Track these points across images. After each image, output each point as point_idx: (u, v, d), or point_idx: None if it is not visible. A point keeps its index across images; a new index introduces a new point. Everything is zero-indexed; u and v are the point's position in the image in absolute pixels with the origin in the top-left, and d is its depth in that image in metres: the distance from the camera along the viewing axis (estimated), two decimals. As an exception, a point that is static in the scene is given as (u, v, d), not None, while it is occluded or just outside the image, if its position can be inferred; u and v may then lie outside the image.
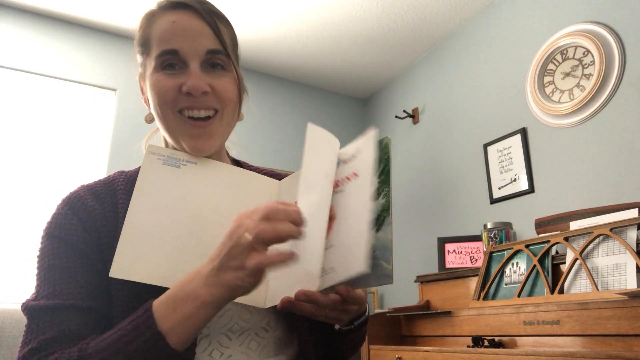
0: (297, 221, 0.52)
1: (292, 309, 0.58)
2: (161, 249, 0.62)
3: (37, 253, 0.65)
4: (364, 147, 0.61)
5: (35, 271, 0.64)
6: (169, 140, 0.73)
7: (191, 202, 0.66)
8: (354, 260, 0.53)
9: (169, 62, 0.68)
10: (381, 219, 0.56)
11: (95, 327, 0.60)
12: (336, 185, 0.62)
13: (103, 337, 0.54)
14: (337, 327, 0.69)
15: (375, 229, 0.56)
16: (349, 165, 0.62)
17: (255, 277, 0.51)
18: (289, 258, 0.51)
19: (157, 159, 0.67)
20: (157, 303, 0.54)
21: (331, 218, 0.60)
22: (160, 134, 0.82)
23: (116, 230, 0.65)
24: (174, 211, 0.65)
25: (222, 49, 0.70)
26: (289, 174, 0.78)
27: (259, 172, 0.83)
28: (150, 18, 0.72)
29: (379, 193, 0.57)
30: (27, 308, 0.60)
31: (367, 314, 0.71)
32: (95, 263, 0.64)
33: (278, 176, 0.83)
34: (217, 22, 0.71)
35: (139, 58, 0.75)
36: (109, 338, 0.53)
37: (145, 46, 0.72)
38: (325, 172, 0.61)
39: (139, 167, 0.75)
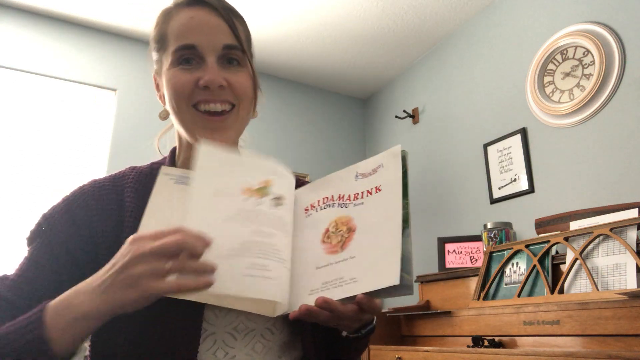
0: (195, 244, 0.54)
1: (306, 318, 0.58)
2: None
3: (27, 232, 0.68)
4: (388, 162, 0.63)
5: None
6: (184, 135, 0.73)
7: None
8: (383, 272, 0.55)
9: (186, 57, 0.69)
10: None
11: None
12: (355, 197, 0.64)
13: (1, 327, 0.55)
14: (344, 333, 0.69)
15: None
16: (370, 180, 0.64)
17: (145, 301, 0.52)
18: (204, 285, 0.53)
19: (169, 179, 0.68)
20: (50, 306, 0.54)
21: (350, 230, 0.61)
22: (171, 132, 0.82)
23: (120, 228, 0.66)
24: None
25: (238, 44, 0.71)
26: (301, 179, 0.79)
27: None
28: (167, 15, 0.73)
29: None
30: None
31: (374, 322, 0.71)
32: (75, 259, 0.64)
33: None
34: (233, 18, 0.72)
35: (154, 55, 0.75)
36: (4, 328, 0.54)
37: (161, 43, 0.73)
38: (215, 190, 0.62)
39: (151, 163, 0.77)
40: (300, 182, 0.82)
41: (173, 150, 0.79)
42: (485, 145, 2.42)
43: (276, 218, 0.64)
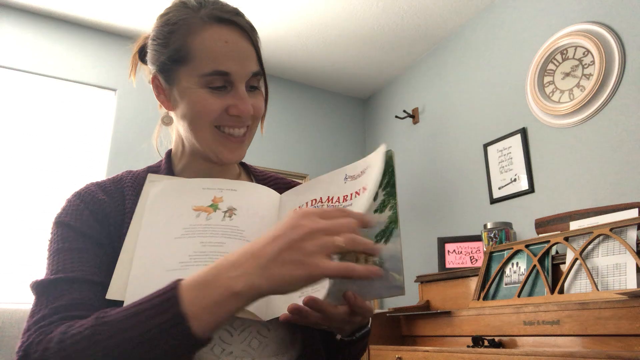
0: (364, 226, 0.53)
1: (296, 320, 0.57)
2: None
3: (47, 242, 0.66)
4: (373, 161, 0.62)
5: (46, 259, 0.65)
6: (195, 143, 0.73)
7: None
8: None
9: (218, 84, 0.69)
10: (389, 230, 0.56)
11: (107, 301, 0.60)
12: (344, 199, 0.63)
13: (123, 308, 0.52)
14: (338, 336, 0.69)
15: (384, 241, 0.56)
16: (359, 181, 0.63)
17: (310, 280, 0.49)
18: (374, 273, 0.51)
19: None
20: (186, 284, 0.50)
21: None
22: (164, 130, 0.82)
23: (123, 226, 0.67)
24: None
25: (261, 70, 0.73)
26: (292, 178, 0.79)
27: (264, 177, 0.84)
28: (190, 26, 0.69)
29: (385, 205, 0.58)
30: (35, 284, 0.60)
31: (369, 325, 0.71)
32: (106, 247, 0.65)
33: (283, 180, 0.84)
34: (258, 43, 0.73)
35: (161, 57, 0.71)
36: (129, 310, 0.51)
37: (182, 54, 0.69)
38: (166, 216, 0.66)
39: (147, 167, 0.77)
40: (290, 186, 0.83)
41: (169, 153, 0.80)
42: (485, 145, 2.42)
43: (228, 227, 0.65)
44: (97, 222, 0.66)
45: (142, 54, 0.81)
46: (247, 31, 0.71)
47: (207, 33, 0.68)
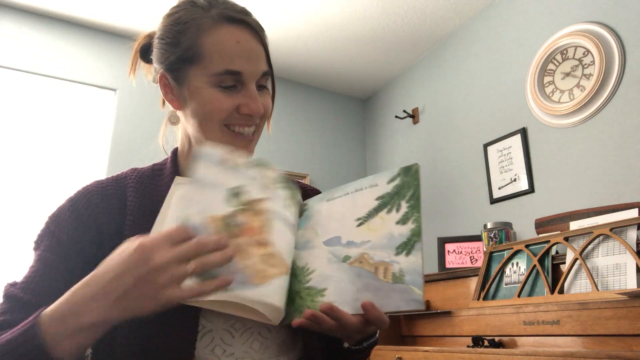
0: (219, 246, 0.54)
1: (310, 326, 0.57)
2: None
3: (35, 236, 0.68)
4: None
5: (32, 252, 0.67)
6: (203, 141, 0.72)
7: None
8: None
9: (229, 83, 0.69)
10: (411, 243, 0.56)
11: None
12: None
13: (4, 335, 0.54)
14: (345, 344, 0.69)
15: (405, 253, 0.56)
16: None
17: (164, 307, 0.51)
18: (224, 283, 0.53)
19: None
20: (45, 315, 0.53)
21: None
22: (171, 129, 0.82)
23: (121, 229, 0.67)
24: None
25: (270, 70, 0.74)
26: (292, 178, 0.79)
27: None
28: (200, 25, 0.69)
29: (408, 218, 0.58)
30: (8, 288, 0.63)
31: (377, 335, 0.71)
32: (89, 257, 0.64)
33: None
34: (266, 42, 0.74)
35: (170, 56, 0.71)
36: (4, 338, 0.53)
37: (192, 53, 0.69)
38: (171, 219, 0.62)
39: (153, 165, 0.77)
40: (310, 191, 0.84)
41: (175, 152, 0.79)
42: (485, 145, 2.42)
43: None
44: (84, 227, 0.66)
45: (144, 53, 0.80)
46: (257, 31, 0.72)
47: (219, 32, 0.68)
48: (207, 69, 0.68)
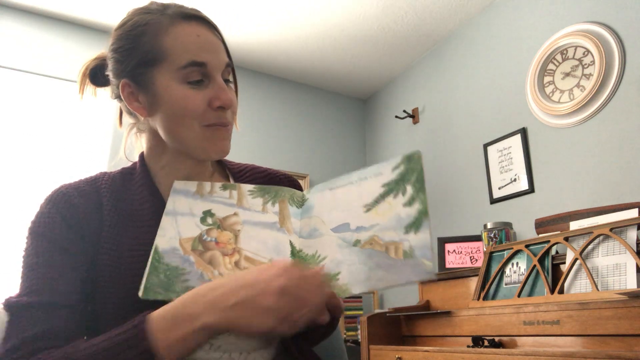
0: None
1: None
2: None
3: (22, 252, 0.66)
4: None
5: (20, 270, 0.65)
6: (179, 142, 0.72)
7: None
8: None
9: (197, 77, 0.69)
10: (419, 221, 0.59)
11: (78, 326, 0.61)
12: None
13: (92, 344, 0.53)
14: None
15: (414, 231, 0.59)
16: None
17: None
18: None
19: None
20: (154, 319, 0.53)
21: None
22: (133, 137, 0.82)
23: (101, 228, 0.67)
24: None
25: (231, 62, 0.75)
26: (275, 170, 0.83)
27: (240, 169, 0.85)
28: (159, 25, 0.70)
29: (414, 199, 0.62)
30: (9, 304, 0.61)
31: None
32: (78, 260, 0.65)
33: (259, 169, 0.85)
34: (222, 36, 0.75)
35: (137, 67, 0.71)
36: (97, 345, 0.52)
37: (153, 54, 0.69)
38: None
39: (122, 169, 0.78)
40: (268, 175, 0.85)
41: (142, 156, 0.79)
42: (485, 145, 2.42)
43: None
44: (70, 229, 0.66)
45: (93, 76, 0.84)
46: (213, 25, 0.73)
47: (177, 29, 0.70)
48: (172, 64, 0.68)
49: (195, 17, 0.72)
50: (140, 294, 0.58)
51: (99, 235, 0.66)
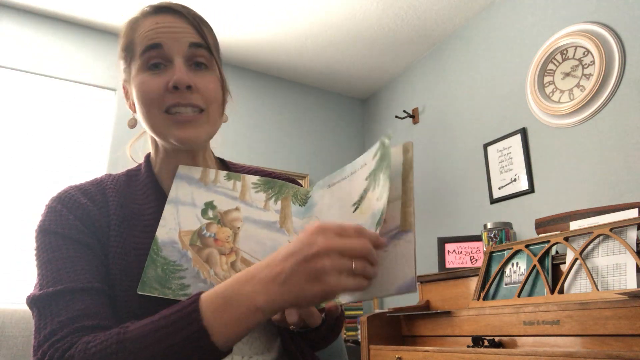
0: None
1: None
2: None
3: (34, 251, 0.65)
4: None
5: (35, 268, 0.64)
6: (158, 140, 0.75)
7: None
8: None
9: (154, 60, 0.69)
10: (380, 220, 0.55)
11: (108, 306, 0.61)
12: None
13: (143, 324, 0.53)
14: (292, 327, 0.69)
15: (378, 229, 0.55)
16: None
17: (326, 296, 0.49)
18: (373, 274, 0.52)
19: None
20: (206, 299, 0.51)
21: None
22: (144, 139, 0.84)
23: (109, 228, 0.67)
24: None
25: (204, 43, 0.72)
26: (278, 173, 0.82)
27: (244, 171, 0.85)
28: (134, 23, 0.73)
29: (382, 193, 0.56)
30: (34, 299, 0.59)
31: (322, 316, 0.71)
32: (96, 253, 0.65)
33: (262, 173, 0.84)
34: (199, 22, 0.74)
35: (122, 64, 0.75)
36: (149, 325, 0.52)
37: (129, 50, 0.73)
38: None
39: (126, 170, 0.78)
40: (270, 177, 0.84)
41: (147, 157, 0.80)
42: (485, 145, 2.42)
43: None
44: (83, 225, 0.66)
45: None
46: (184, 14, 0.72)
47: (144, 23, 0.72)
48: (136, 57, 0.71)
49: (164, 9, 0.72)
50: (138, 289, 0.57)
51: (108, 235, 0.66)
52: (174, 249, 0.62)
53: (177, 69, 0.68)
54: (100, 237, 0.66)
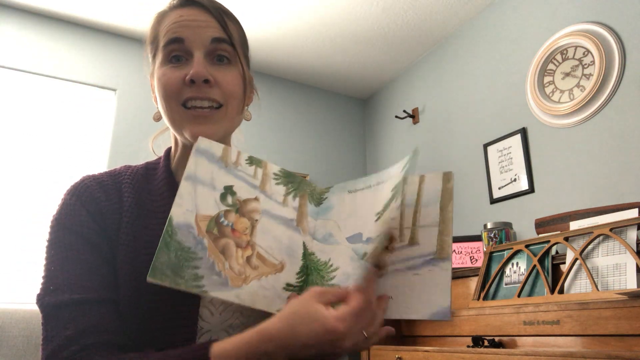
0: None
1: None
2: None
3: (46, 243, 0.65)
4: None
5: (45, 262, 0.63)
6: (177, 135, 0.74)
7: None
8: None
9: (175, 53, 0.69)
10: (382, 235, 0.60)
11: (115, 319, 0.61)
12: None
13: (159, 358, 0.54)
14: None
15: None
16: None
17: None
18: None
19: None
20: (219, 352, 0.52)
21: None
22: (167, 134, 0.82)
23: (119, 223, 0.66)
24: None
25: (227, 38, 0.71)
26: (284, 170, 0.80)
27: None
28: (161, 17, 0.74)
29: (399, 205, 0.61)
30: (43, 303, 0.59)
31: None
32: (106, 254, 0.64)
33: None
34: (224, 16, 0.73)
35: (149, 57, 0.76)
36: None
37: (154, 44, 0.74)
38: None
39: (146, 163, 0.77)
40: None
41: (168, 151, 0.79)
42: (485, 145, 2.42)
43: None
44: (95, 223, 0.66)
45: None
46: (209, 8, 0.72)
47: (169, 16, 0.72)
48: (159, 50, 0.71)
49: (190, 2, 0.72)
50: (148, 275, 0.54)
51: (118, 230, 0.66)
52: (189, 234, 0.58)
53: (195, 62, 0.68)
54: (110, 235, 0.66)
